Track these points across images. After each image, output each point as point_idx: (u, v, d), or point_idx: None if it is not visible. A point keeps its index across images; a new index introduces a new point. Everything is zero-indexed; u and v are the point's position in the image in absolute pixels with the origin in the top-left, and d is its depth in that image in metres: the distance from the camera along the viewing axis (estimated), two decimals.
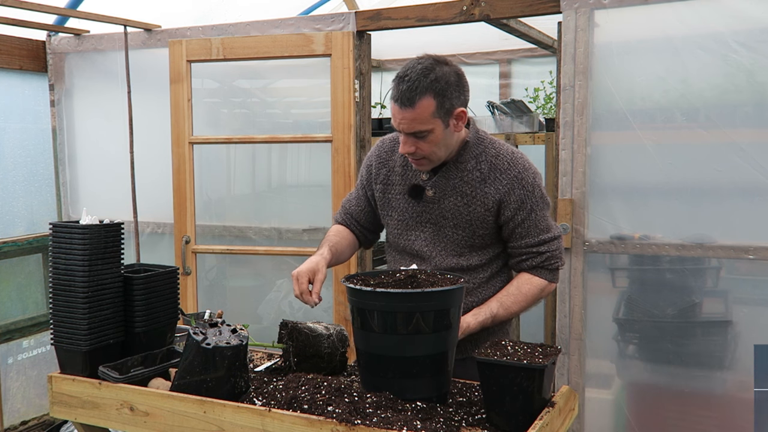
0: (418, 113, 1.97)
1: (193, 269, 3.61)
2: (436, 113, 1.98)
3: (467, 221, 2.13)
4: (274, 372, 2.06)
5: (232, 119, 4.05)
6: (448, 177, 2.13)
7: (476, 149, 2.13)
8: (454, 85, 2.00)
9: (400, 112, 1.99)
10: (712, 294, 2.85)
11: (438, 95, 1.97)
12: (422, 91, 1.95)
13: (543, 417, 1.63)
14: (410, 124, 1.99)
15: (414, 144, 2.03)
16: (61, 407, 1.98)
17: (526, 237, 2.13)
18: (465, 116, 2.05)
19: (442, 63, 2.01)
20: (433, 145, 2.03)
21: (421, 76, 1.96)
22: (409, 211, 2.21)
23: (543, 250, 2.14)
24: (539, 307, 3.92)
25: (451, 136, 2.06)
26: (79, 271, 1.91)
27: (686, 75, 2.75)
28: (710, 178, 2.75)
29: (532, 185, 2.11)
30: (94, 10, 3.62)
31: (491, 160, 2.12)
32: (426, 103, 1.96)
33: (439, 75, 1.97)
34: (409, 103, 1.96)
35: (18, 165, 3.99)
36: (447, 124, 2.02)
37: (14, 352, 3.91)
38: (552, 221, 2.19)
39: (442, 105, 1.98)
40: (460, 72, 2.05)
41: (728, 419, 2.83)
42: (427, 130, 1.99)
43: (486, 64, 4.83)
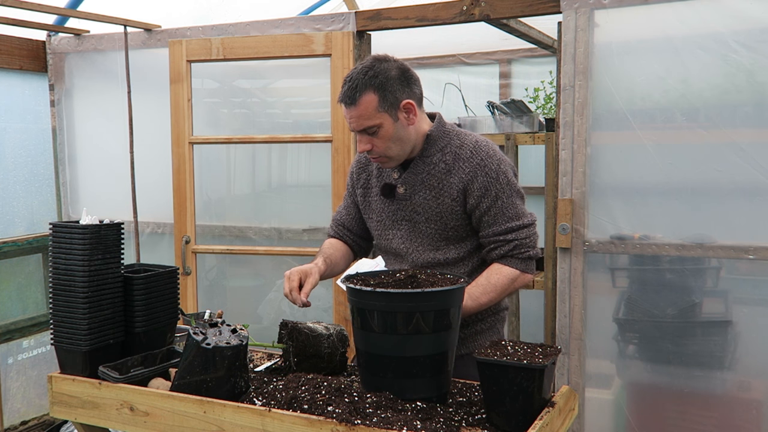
0: (362, 109, 2.04)
1: (193, 269, 3.61)
2: (380, 107, 2.04)
3: (437, 214, 2.15)
4: (274, 372, 2.06)
5: (232, 119, 4.05)
6: (416, 172, 2.17)
7: (441, 142, 2.16)
8: (395, 78, 2.06)
9: (348, 112, 2.07)
10: (712, 294, 2.85)
11: (378, 89, 2.03)
12: (362, 88, 2.03)
13: (543, 417, 1.63)
14: (358, 121, 2.06)
15: (369, 141, 2.09)
16: (61, 407, 1.98)
17: (493, 225, 2.13)
18: (414, 108, 2.09)
19: (382, 60, 2.08)
20: (386, 141, 2.08)
21: (360, 74, 2.04)
22: (385, 211, 2.25)
23: (511, 238, 2.12)
24: (539, 307, 3.92)
25: (404, 130, 2.10)
26: (79, 271, 1.91)
27: (686, 75, 2.75)
28: (710, 178, 2.75)
29: (496, 172, 2.11)
30: (94, 10, 3.62)
31: (455, 151, 2.14)
32: (368, 98, 2.03)
33: (378, 71, 2.04)
34: (351, 101, 2.04)
35: (18, 165, 3.99)
36: (396, 117, 2.07)
37: (14, 352, 3.91)
38: (523, 209, 2.17)
39: (384, 98, 2.04)
40: (404, 67, 2.10)
41: (728, 419, 2.83)
42: (375, 125, 2.05)
43: (486, 64, 4.83)
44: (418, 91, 2.13)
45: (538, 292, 3.82)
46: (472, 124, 3.85)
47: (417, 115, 2.12)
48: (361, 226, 2.39)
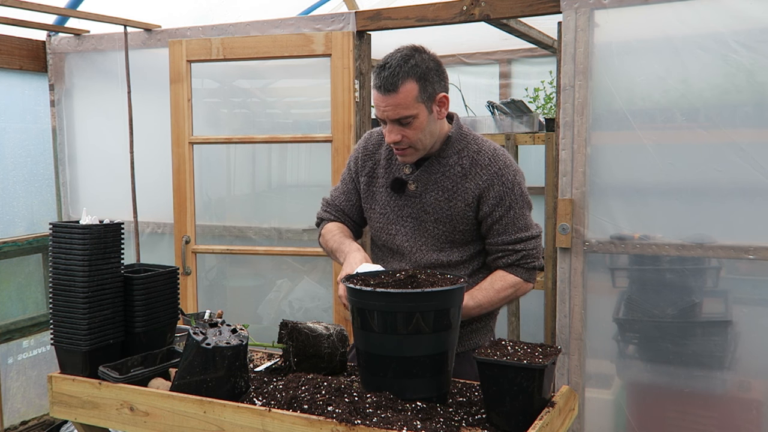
0: (402, 98, 1.99)
1: (193, 269, 3.61)
2: (419, 98, 2.00)
3: (448, 216, 2.14)
4: (274, 372, 2.06)
5: (232, 119, 4.05)
6: (430, 171, 2.15)
7: (458, 144, 2.15)
8: (434, 70, 2.04)
9: (384, 99, 2.01)
10: (712, 294, 2.85)
11: (420, 79, 2.00)
12: (404, 76, 1.98)
13: (543, 417, 1.63)
14: (395, 110, 2.01)
15: (400, 132, 2.04)
16: (61, 407, 1.98)
17: (503, 234, 2.13)
18: (447, 102, 2.08)
19: (420, 50, 2.05)
20: (418, 132, 2.04)
21: (401, 62, 2.00)
22: (390, 205, 2.21)
23: (519, 248, 2.13)
24: (539, 307, 3.92)
25: (435, 124, 2.08)
26: (79, 271, 1.91)
27: (686, 75, 2.75)
28: (710, 178, 2.75)
29: (512, 182, 2.12)
30: (94, 10, 3.62)
31: (473, 156, 2.13)
32: (409, 87, 1.99)
33: (419, 60, 2.01)
34: (392, 88, 1.99)
35: (18, 165, 3.99)
36: (431, 109, 2.05)
37: (14, 352, 3.91)
38: (532, 221, 2.19)
39: (424, 89, 2.01)
40: (439, 60, 2.08)
41: (728, 419, 2.83)
42: (411, 116, 2.01)
43: (486, 64, 4.83)
44: (448, 86, 2.12)
45: (538, 292, 3.82)
46: (472, 124, 3.85)
47: (447, 109, 2.11)
48: (360, 214, 2.35)
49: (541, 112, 4.23)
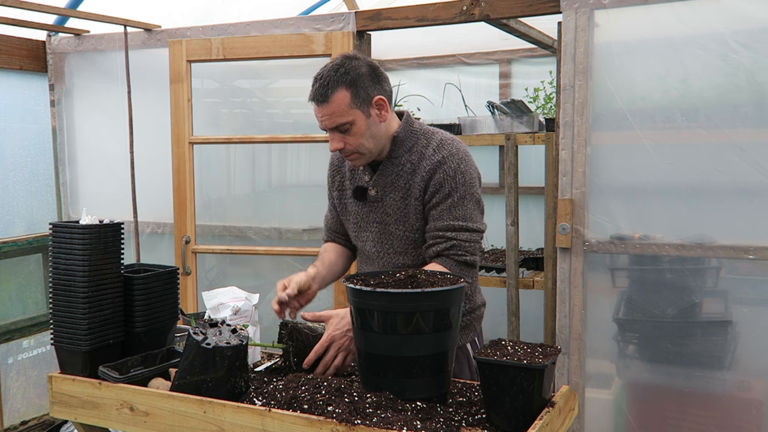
0: (335, 106, 2.04)
1: (193, 269, 3.61)
2: (352, 103, 2.04)
3: (404, 215, 2.15)
4: (274, 372, 2.06)
5: (232, 119, 4.05)
6: (385, 174, 2.17)
7: (408, 142, 2.15)
8: (366, 75, 2.06)
9: (320, 110, 2.07)
10: (712, 294, 2.85)
11: (351, 85, 2.03)
12: (334, 85, 2.03)
13: (543, 417, 1.63)
14: (330, 118, 2.05)
15: (341, 139, 2.08)
16: (61, 407, 1.98)
17: (437, 220, 2.10)
18: (385, 105, 2.10)
19: (352, 58, 2.08)
20: (359, 137, 2.07)
21: (332, 71, 2.05)
22: (359, 213, 2.24)
23: (450, 236, 2.07)
24: (539, 307, 3.92)
25: (376, 127, 2.09)
26: (79, 271, 1.91)
27: (686, 75, 2.75)
28: (710, 178, 2.75)
29: (454, 170, 2.08)
30: (94, 10, 3.62)
31: (421, 150, 2.14)
32: (340, 95, 2.03)
33: (348, 68, 2.04)
34: (324, 98, 2.04)
35: (18, 165, 3.99)
36: (368, 114, 2.07)
37: (14, 352, 3.91)
38: (474, 215, 2.11)
39: (357, 95, 2.04)
40: (374, 65, 2.10)
41: (728, 419, 2.83)
42: (348, 122, 2.05)
43: (486, 64, 4.83)
44: (388, 88, 2.13)
45: (538, 292, 3.82)
46: (472, 124, 3.85)
47: (389, 112, 2.12)
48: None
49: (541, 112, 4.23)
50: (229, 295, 2.23)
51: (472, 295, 2.28)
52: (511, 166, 3.60)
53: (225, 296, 2.21)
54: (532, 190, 4.40)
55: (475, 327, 2.30)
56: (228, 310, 2.15)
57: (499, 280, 3.70)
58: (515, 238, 3.61)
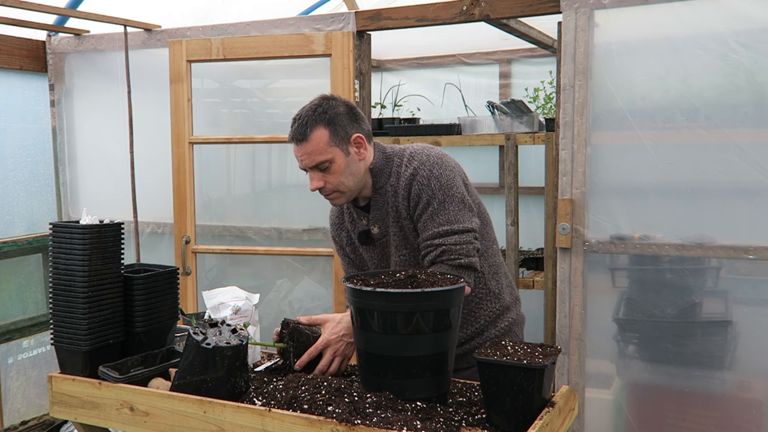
0: (314, 145, 2.05)
1: (193, 269, 3.61)
2: (331, 141, 2.05)
3: (404, 237, 2.16)
4: (274, 372, 2.06)
5: (232, 119, 4.05)
6: (377, 207, 2.17)
7: (387, 168, 2.16)
8: (343, 114, 2.08)
9: (299, 150, 2.08)
10: (712, 294, 2.84)
11: (329, 124, 2.05)
12: (312, 124, 2.05)
13: (543, 417, 1.63)
14: (310, 157, 2.06)
15: (321, 178, 2.09)
16: (61, 407, 1.98)
17: (424, 231, 2.09)
18: (364, 143, 2.11)
19: (329, 98, 2.11)
20: (338, 175, 2.08)
21: (310, 112, 2.07)
22: (374, 256, 2.25)
23: (438, 243, 2.06)
24: (539, 307, 3.92)
25: (355, 165, 2.10)
26: (79, 271, 1.91)
27: (686, 75, 2.75)
28: (710, 178, 2.75)
29: (427, 178, 2.07)
30: (94, 10, 3.62)
31: (396, 171, 2.14)
32: (319, 133, 2.04)
33: (326, 107, 2.07)
34: (302, 137, 2.05)
35: (18, 165, 3.99)
36: (347, 151, 2.08)
37: (14, 352, 3.91)
38: (459, 215, 2.07)
39: (335, 132, 2.05)
40: (351, 105, 2.13)
41: (728, 419, 2.83)
42: (327, 160, 2.06)
43: (486, 64, 4.83)
44: (366, 127, 2.14)
45: (538, 292, 3.82)
46: (472, 124, 3.85)
47: (367, 149, 2.13)
48: None
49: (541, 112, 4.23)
50: (230, 295, 2.23)
51: (501, 294, 2.26)
52: (511, 166, 3.60)
53: (225, 296, 2.21)
54: (532, 190, 4.40)
55: (516, 333, 2.29)
56: (228, 310, 2.16)
57: None
58: (515, 238, 3.61)
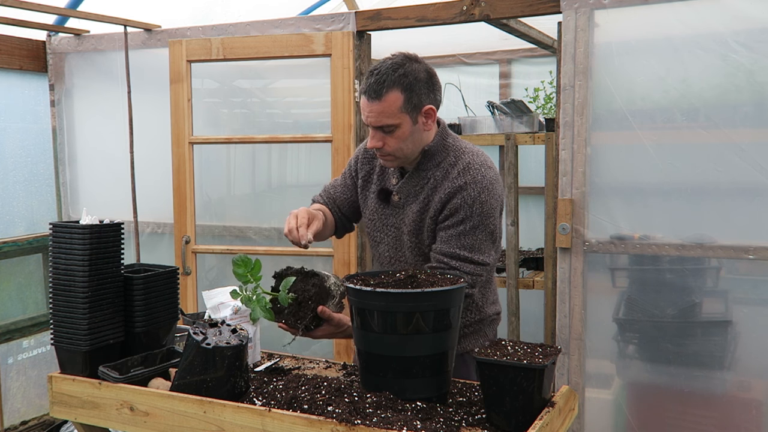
0: (386, 106, 1.99)
1: (193, 269, 3.61)
2: (403, 108, 1.99)
3: (419, 228, 2.12)
4: (274, 372, 2.06)
5: (232, 119, 4.05)
6: (411, 183, 2.14)
7: (438, 156, 2.11)
8: (423, 81, 2.02)
9: (368, 105, 2.01)
10: (712, 294, 2.84)
11: (406, 89, 1.99)
12: (390, 85, 1.98)
13: (543, 417, 1.63)
14: (378, 117, 2.01)
15: (382, 139, 2.04)
16: (61, 407, 1.98)
17: (445, 244, 2.05)
18: (434, 114, 2.07)
19: (413, 60, 2.04)
20: (400, 141, 2.04)
21: (390, 70, 1.99)
22: (378, 213, 2.23)
23: (453, 265, 2.02)
24: (539, 307, 3.92)
25: (419, 134, 2.06)
26: (79, 271, 1.91)
27: (686, 75, 2.75)
28: (710, 178, 2.75)
29: (473, 198, 2.03)
30: (94, 10, 3.62)
31: (447, 168, 2.10)
32: (393, 96, 1.98)
33: (408, 70, 2.00)
34: (376, 95, 1.99)
35: (18, 165, 3.99)
36: (415, 120, 2.03)
37: (14, 352, 3.91)
38: (483, 247, 2.05)
39: (410, 100, 1.99)
40: (432, 71, 2.07)
41: (728, 419, 2.83)
42: (394, 125, 2.01)
43: (486, 64, 4.83)
44: (440, 98, 2.09)
45: (538, 292, 3.82)
46: (472, 124, 3.85)
47: (434, 121, 2.09)
48: (350, 209, 2.37)
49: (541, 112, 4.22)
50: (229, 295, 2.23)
51: (483, 306, 2.24)
52: (511, 166, 3.60)
53: (225, 296, 2.21)
54: (532, 190, 4.40)
55: (486, 333, 2.27)
56: (228, 310, 2.15)
57: (499, 280, 3.71)
58: (515, 238, 3.61)
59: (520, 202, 3.80)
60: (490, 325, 2.30)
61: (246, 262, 1.98)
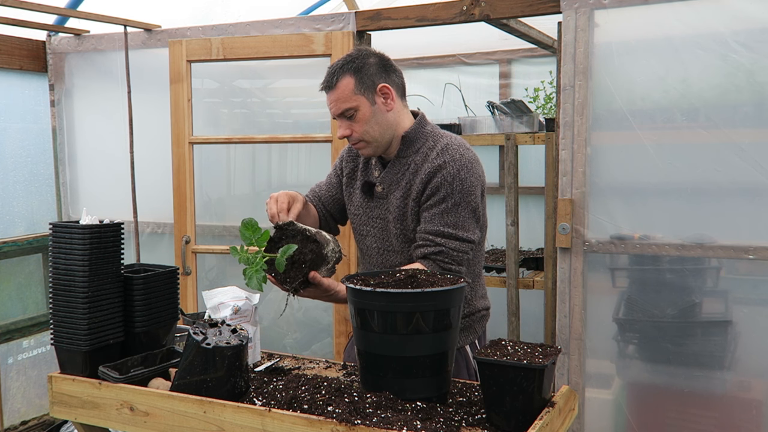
0: (340, 92, 2.11)
1: (193, 269, 3.61)
2: (356, 89, 2.10)
3: (402, 214, 2.17)
4: (274, 372, 2.06)
5: (232, 119, 4.05)
6: (392, 172, 2.20)
7: (417, 143, 2.18)
8: (372, 64, 2.13)
9: (327, 98, 2.15)
10: (712, 294, 2.84)
11: (356, 72, 2.11)
12: (339, 72, 2.11)
13: (543, 417, 1.63)
14: (336, 104, 2.12)
15: (348, 126, 2.14)
16: (61, 407, 1.98)
17: (429, 223, 2.10)
18: (391, 93, 2.14)
19: (363, 51, 2.18)
20: (363, 124, 2.12)
21: (340, 61, 2.15)
22: (362, 207, 2.28)
23: (439, 242, 2.07)
24: (539, 307, 3.92)
25: (381, 115, 2.14)
26: (79, 271, 1.91)
27: (686, 75, 2.75)
28: (710, 178, 2.75)
29: (453, 176, 2.08)
30: (94, 10, 3.62)
31: (426, 152, 2.16)
32: (345, 81, 2.11)
33: (355, 56, 2.13)
34: (330, 85, 2.13)
35: (18, 165, 3.99)
36: (372, 101, 2.12)
37: (14, 352, 3.91)
38: (466, 223, 2.10)
39: (361, 81, 2.10)
40: (386, 58, 2.18)
41: (728, 419, 2.83)
42: (352, 108, 2.11)
43: (486, 64, 4.83)
44: (398, 81, 2.18)
45: (538, 292, 3.82)
46: (472, 124, 3.85)
47: (395, 101, 2.16)
48: (335, 207, 2.41)
49: (541, 112, 4.22)
50: (229, 295, 2.23)
51: (472, 300, 2.27)
52: (511, 166, 3.60)
53: (225, 296, 2.22)
54: (532, 190, 4.40)
55: (476, 329, 2.30)
56: (228, 310, 2.16)
57: (499, 280, 3.70)
58: (515, 238, 3.61)
59: (520, 202, 3.80)
60: (480, 322, 2.31)
61: (254, 228, 1.97)
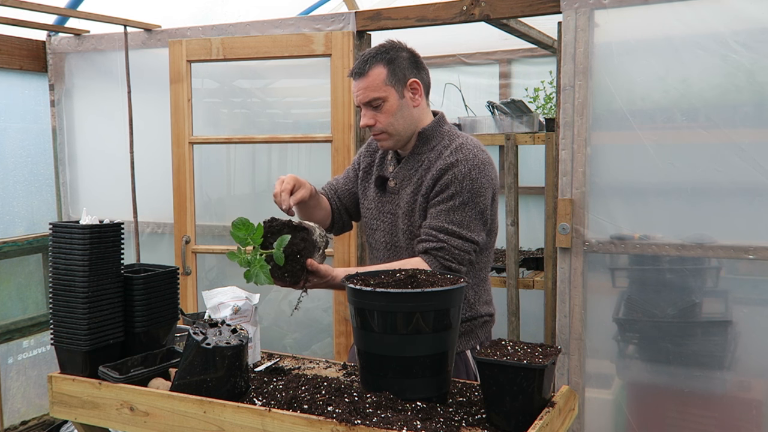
0: (370, 81, 2.10)
1: (193, 269, 3.61)
2: (387, 80, 2.10)
3: (411, 209, 2.17)
4: (274, 372, 2.06)
5: (232, 119, 4.05)
6: (406, 168, 2.21)
7: (433, 141, 2.19)
8: (406, 59, 2.15)
9: (356, 85, 2.14)
10: (712, 294, 2.85)
11: (389, 63, 2.11)
12: (372, 61, 2.11)
13: (543, 417, 1.63)
14: (365, 92, 2.12)
15: (373, 116, 2.14)
16: (61, 407, 1.98)
17: (434, 219, 2.09)
18: (420, 89, 2.16)
19: (396, 43, 2.18)
20: (389, 116, 2.12)
21: (374, 51, 2.15)
22: (375, 201, 2.29)
23: (442, 238, 2.06)
24: (539, 307, 3.92)
25: (408, 109, 2.14)
26: (79, 271, 1.91)
27: (686, 75, 2.75)
28: (710, 178, 2.75)
29: (464, 175, 2.08)
30: (94, 10, 3.62)
31: (441, 150, 2.16)
32: (377, 70, 2.11)
33: (389, 48, 2.14)
34: (361, 72, 2.12)
35: (18, 165, 3.99)
36: (402, 94, 2.13)
37: (14, 352, 3.91)
38: (472, 225, 2.09)
39: (393, 72, 2.11)
40: (416, 54, 2.20)
41: (728, 419, 2.83)
42: (380, 98, 2.11)
43: (486, 64, 4.83)
44: (426, 79, 2.19)
45: (538, 292, 3.82)
46: (472, 124, 3.85)
47: (422, 97, 2.17)
48: (350, 201, 2.41)
49: (541, 112, 4.22)
50: (229, 295, 2.23)
51: (475, 304, 2.24)
52: (511, 166, 3.60)
53: (225, 296, 2.21)
54: (532, 190, 4.40)
55: (477, 334, 2.26)
56: (228, 310, 2.16)
57: (499, 280, 3.70)
58: (515, 238, 3.61)
59: (520, 202, 3.80)
60: (482, 327, 2.28)
61: (247, 226, 1.97)
